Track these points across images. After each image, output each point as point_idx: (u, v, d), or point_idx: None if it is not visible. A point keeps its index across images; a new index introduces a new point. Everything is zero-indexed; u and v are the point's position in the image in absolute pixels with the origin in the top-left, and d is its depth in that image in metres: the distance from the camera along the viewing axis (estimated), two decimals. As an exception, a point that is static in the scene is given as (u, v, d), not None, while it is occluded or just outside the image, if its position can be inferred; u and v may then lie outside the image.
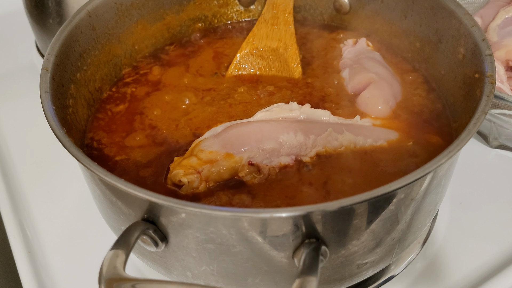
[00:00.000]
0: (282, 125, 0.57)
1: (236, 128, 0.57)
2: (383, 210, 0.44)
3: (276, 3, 0.75)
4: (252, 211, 0.43)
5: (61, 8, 0.84)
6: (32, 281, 0.61)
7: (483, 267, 0.61)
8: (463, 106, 0.57)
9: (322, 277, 0.47)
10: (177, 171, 0.53)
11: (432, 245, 0.64)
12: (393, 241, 0.49)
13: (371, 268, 0.51)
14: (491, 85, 0.50)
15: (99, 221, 0.57)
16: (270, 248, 0.43)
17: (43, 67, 0.54)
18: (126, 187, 0.42)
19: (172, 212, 0.42)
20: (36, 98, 0.51)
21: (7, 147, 0.81)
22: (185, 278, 0.50)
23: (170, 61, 0.73)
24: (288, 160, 0.55)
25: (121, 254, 0.40)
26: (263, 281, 0.47)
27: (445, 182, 0.52)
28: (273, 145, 0.55)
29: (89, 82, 0.64)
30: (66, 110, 0.57)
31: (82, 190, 0.65)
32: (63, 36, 0.59)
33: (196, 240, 0.44)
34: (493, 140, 0.75)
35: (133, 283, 0.38)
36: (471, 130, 0.45)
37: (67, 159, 0.51)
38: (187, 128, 0.62)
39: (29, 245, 0.66)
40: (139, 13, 0.71)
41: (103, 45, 0.67)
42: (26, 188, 0.74)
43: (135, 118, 0.64)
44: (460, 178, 0.70)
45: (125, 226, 0.43)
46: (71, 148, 0.45)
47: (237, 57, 0.71)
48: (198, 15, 0.79)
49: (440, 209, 0.68)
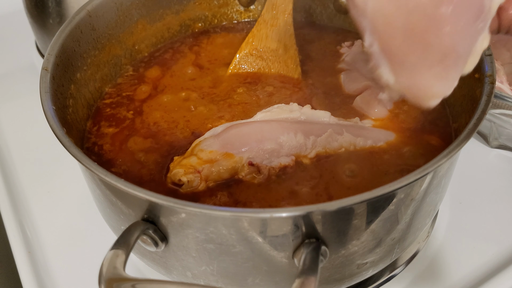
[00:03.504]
0: (282, 126, 0.57)
1: (236, 128, 0.57)
2: (383, 210, 0.44)
3: (275, 3, 0.75)
4: (252, 211, 0.44)
5: (61, 8, 0.84)
6: (32, 281, 0.61)
7: (483, 267, 0.61)
8: (463, 106, 0.57)
9: (322, 277, 0.47)
10: (177, 170, 0.53)
11: (432, 245, 0.64)
12: (393, 241, 0.49)
13: (371, 268, 0.51)
14: (491, 85, 0.50)
15: (99, 221, 0.57)
16: (270, 248, 0.43)
17: (43, 67, 0.54)
18: (126, 187, 0.42)
19: (172, 212, 0.42)
20: (36, 98, 0.51)
21: (7, 147, 0.81)
22: (185, 278, 0.50)
23: (170, 61, 0.73)
24: (288, 160, 0.55)
25: (121, 254, 0.40)
26: (263, 281, 0.47)
27: (445, 182, 0.52)
28: (273, 146, 0.55)
29: (89, 82, 0.64)
30: (66, 110, 0.57)
31: (82, 190, 0.65)
32: (63, 36, 0.59)
33: (196, 240, 0.44)
34: (493, 140, 0.75)
35: (133, 283, 0.38)
36: (471, 130, 0.45)
37: (67, 159, 0.51)
38: (186, 128, 0.62)
39: (29, 245, 0.66)
40: (139, 13, 0.71)
41: (103, 45, 0.67)
42: (26, 188, 0.74)
43: (135, 118, 0.64)
44: (460, 178, 0.70)
45: (125, 226, 0.43)
46: (71, 148, 0.45)
47: (237, 58, 0.71)
48: (198, 15, 0.79)
49: (440, 209, 0.68)
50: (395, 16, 0.38)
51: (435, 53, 0.39)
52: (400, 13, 0.38)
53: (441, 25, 0.39)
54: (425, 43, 0.39)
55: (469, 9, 0.39)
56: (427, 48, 0.39)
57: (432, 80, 0.40)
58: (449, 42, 0.39)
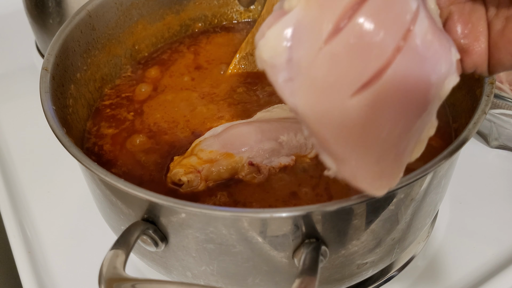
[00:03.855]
0: (282, 126, 0.57)
1: (236, 128, 0.57)
2: (383, 210, 0.44)
3: (275, 4, 0.75)
4: (252, 211, 0.44)
5: (61, 8, 0.84)
6: (32, 281, 0.61)
7: (483, 267, 0.61)
8: (462, 106, 0.57)
9: (322, 277, 0.47)
10: (177, 170, 0.53)
11: (432, 245, 0.64)
12: (393, 241, 0.49)
13: (371, 268, 0.51)
14: (491, 85, 0.50)
15: (99, 221, 0.57)
16: (270, 248, 0.43)
17: (43, 67, 0.54)
18: (126, 187, 0.42)
19: (172, 212, 0.42)
20: (36, 98, 0.51)
21: (7, 147, 0.81)
22: (185, 278, 0.50)
23: (170, 61, 0.73)
24: (288, 160, 0.55)
25: (121, 254, 0.40)
26: (263, 281, 0.47)
27: (445, 182, 0.52)
28: (273, 146, 0.55)
29: (89, 82, 0.64)
30: (66, 110, 0.57)
31: (82, 190, 0.65)
32: (63, 36, 0.59)
33: (196, 240, 0.44)
34: (493, 140, 0.75)
35: (133, 283, 0.38)
36: (471, 130, 0.45)
37: (67, 159, 0.51)
38: (186, 128, 0.62)
39: (29, 245, 0.66)
40: (139, 13, 0.71)
41: (103, 45, 0.67)
42: (26, 188, 0.74)
43: (135, 118, 0.64)
44: (460, 178, 0.70)
45: (125, 226, 0.43)
46: (71, 148, 0.45)
47: (237, 58, 0.71)
48: (198, 15, 0.79)
49: (440, 209, 0.68)
50: (327, 119, 0.35)
51: (372, 154, 0.36)
52: (333, 117, 0.35)
53: (377, 131, 0.35)
54: (361, 146, 0.36)
55: (409, 110, 0.35)
56: (363, 150, 0.36)
57: (372, 179, 0.37)
58: (387, 145, 0.36)
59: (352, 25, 0.34)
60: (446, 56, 0.36)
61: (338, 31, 0.34)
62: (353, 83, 0.34)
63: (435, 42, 0.36)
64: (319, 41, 0.34)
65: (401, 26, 0.34)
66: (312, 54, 0.34)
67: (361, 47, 0.34)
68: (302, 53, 0.34)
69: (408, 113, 0.36)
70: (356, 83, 0.34)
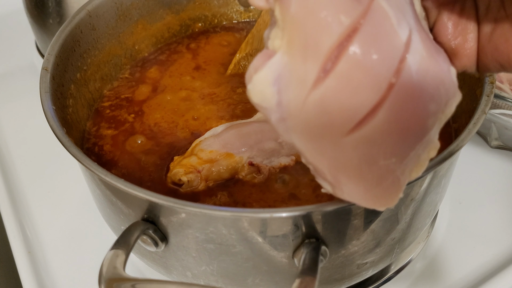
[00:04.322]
0: (282, 125, 0.57)
1: (237, 128, 0.57)
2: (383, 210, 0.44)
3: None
4: (252, 211, 0.44)
5: (61, 8, 0.84)
6: (32, 281, 0.61)
7: (483, 267, 0.61)
8: (462, 106, 0.56)
9: (322, 277, 0.47)
10: (177, 170, 0.53)
11: (432, 245, 0.64)
12: (393, 241, 0.49)
13: (371, 268, 0.51)
14: (491, 85, 0.50)
15: (99, 221, 0.57)
16: (270, 248, 0.43)
17: (43, 67, 0.54)
18: (126, 187, 0.42)
19: (172, 212, 0.42)
20: (36, 98, 0.51)
21: (7, 147, 0.81)
22: (185, 278, 0.50)
23: (170, 62, 0.73)
24: (288, 160, 0.55)
25: (121, 254, 0.40)
26: (263, 281, 0.47)
27: (445, 182, 0.52)
28: (273, 146, 0.55)
29: (89, 82, 0.64)
30: (66, 110, 0.57)
31: (82, 190, 0.65)
32: (63, 36, 0.59)
33: (196, 240, 0.44)
34: (493, 140, 0.75)
35: (133, 283, 0.38)
36: (471, 130, 0.45)
37: (67, 159, 0.51)
38: (186, 129, 0.62)
39: (29, 245, 0.66)
40: (139, 13, 0.71)
41: (103, 45, 0.67)
42: (26, 188, 0.74)
43: (135, 118, 0.64)
44: (460, 178, 0.70)
45: (125, 226, 0.43)
46: (71, 148, 0.45)
47: (236, 58, 0.71)
48: (198, 15, 0.79)
49: (440, 209, 0.68)
50: (322, 155, 0.35)
51: (368, 181, 0.35)
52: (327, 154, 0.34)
53: (373, 162, 0.34)
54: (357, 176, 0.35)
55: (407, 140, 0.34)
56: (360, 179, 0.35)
57: (370, 200, 0.36)
58: (384, 172, 0.35)
59: (339, 68, 0.32)
60: (445, 78, 0.35)
61: (324, 76, 0.32)
62: (345, 124, 0.33)
63: (431, 66, 0.34)
64: (306, 87, 0.33)
65: (392, 61, 0.33)
66: (300, 98, 0.33)
67: (350, 88, 0.32)
68: (291, 96, 0.34)
69: (406, 143, 0.35)
70: (348, 124, 0.33)
